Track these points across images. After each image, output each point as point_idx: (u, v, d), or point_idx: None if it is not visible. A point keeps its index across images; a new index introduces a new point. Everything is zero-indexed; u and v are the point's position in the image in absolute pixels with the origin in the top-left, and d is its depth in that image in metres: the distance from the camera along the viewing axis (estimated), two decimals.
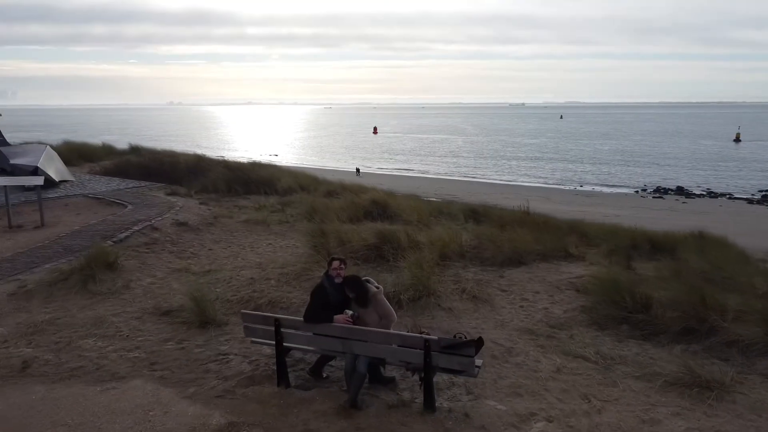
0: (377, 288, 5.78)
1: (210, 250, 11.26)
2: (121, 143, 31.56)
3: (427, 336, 5.28)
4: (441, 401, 5.64)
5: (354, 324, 5.59)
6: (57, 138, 37.75)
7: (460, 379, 6.19)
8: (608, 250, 11.27)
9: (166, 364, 6.54)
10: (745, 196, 30.51)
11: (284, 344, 5.87)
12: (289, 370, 6.37)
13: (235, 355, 6.79)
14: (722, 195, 31.14)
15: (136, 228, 11.68)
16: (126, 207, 14.15)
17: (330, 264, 5.83)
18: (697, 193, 32.56)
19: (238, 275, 9.54)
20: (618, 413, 5.40)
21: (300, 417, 5.36)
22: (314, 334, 5.78)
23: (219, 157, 22.35)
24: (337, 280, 5.78)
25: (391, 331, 5.54)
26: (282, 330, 5.81)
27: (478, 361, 5.39)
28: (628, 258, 10.63)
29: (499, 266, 10.27)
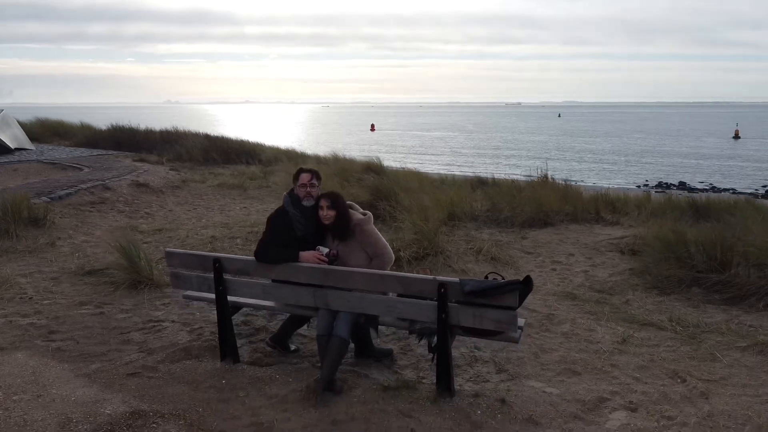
0: (363, 215, 3.90)
1: (170, 211, 9.37)
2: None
3: (443, 278, 3.40)
4: (461, 382, 3.79)
5: (331, 265, 3.72)
6: None
7: (485, 352, 4.33)
8: (647, 213, 9.42)
9: (71, 332, 4.65)
10: (749, 191, 29.23)
11: (229, 298, 3.99)
12: (243, 341, 4.50)
13: (172, 322, 4.90)
14: (725, 190, 30.03)
15: (83, 186, 9.78)
16: (82, 170, 12.24)
17: (296, 178, 3.93)
18: (700, 188, 31.37)
19: (197, 234, 7.65)
20: (735, 398, 3.53)
21: (247, 404, 3.49)
22: (272, 281, 3.90)
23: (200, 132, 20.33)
24: (307, 202, 3.88)
25: (387, 272, 3.65)
26: (225, 277, 3.92)
27: (520, 320, 3.51)
28: (674, 221, 8.77)
29: (520, 227, 8.41)
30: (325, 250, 3.78)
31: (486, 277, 3.42)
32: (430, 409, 3.41)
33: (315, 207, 3.91)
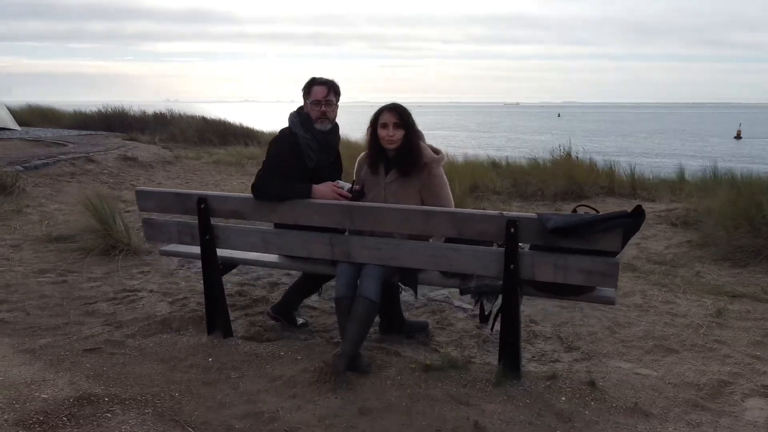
0: (437, 154, 2.92)
1: (159, 184, 8.43)
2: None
3: (513, 214, 2.47)
4: (522, 363, 2.85)
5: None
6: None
7: (544, 326, 3.41)
8: (690, 188, 8.49)
9: (22, 302, 3.71)
10: None
11: (219, 253, 3.05)
12: (239, 314, 3.58)
13: (150, 292, 3.96)
14: None
15: (63, 157, 8.83)
16: (66, 146, 11.28)
17: (308, 92, 2.97)
18: None
19: None
20: None
21: (241, 388, 2.56)
22: (275, 226, 2.97)
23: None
24: (321, 126, 2.94)
25: (434, 207, 2.69)
26: (214, 222, 2.99)
27: None
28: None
29: (552, 200, 7.50)
30: (346, 185, 2.85)
31: (574, 211, 2.49)
32: (493, 395, 2.48)
33: (332, 132, 2.99)
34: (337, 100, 2.99)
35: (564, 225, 2.28)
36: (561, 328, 3.39)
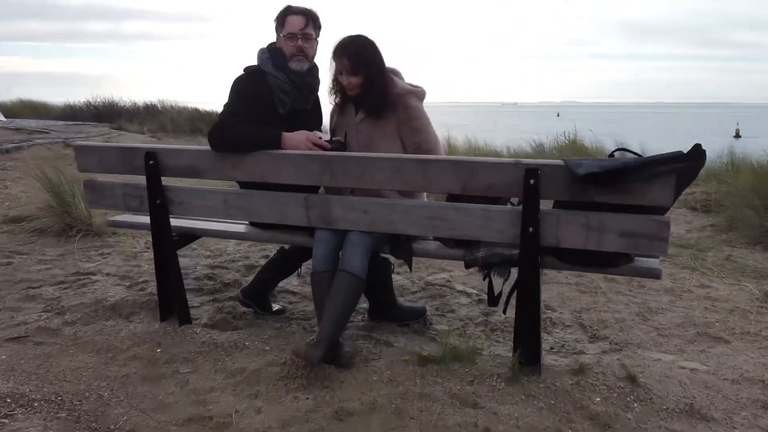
0: (415, 87, 2.42)
1: None
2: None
3: (532, 161, 1.94)
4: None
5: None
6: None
7: (562, 313, 2.89)
8: (706, 175, 7.98)
9: None
10: None
11: (174, 222, 2.52)
12: (205, 299, 3.05)
13: (107, 275, 3.43)
14: None
15: (39, 141, 8.31)
16: (49, 134, 10.74)
17: (281, 22, 2.44)
18: None
19: None
20: None
21: (191, 385, 2.03)
22: (240, 185, 2.44)
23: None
24: (297, 65, 2.40)
25: (433, 156, 2.18)
26: (166, 184, 2.46)
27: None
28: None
29: None
30: (326, 136, 2.33)
31: (611, 156, 1.96)
32: (507, 394, 1.95)
33: (310, 73, 2.46)
34: (317, 34, 2.46)
35: (600, 170, 1.75)
36: (582, 314, 2.87)
